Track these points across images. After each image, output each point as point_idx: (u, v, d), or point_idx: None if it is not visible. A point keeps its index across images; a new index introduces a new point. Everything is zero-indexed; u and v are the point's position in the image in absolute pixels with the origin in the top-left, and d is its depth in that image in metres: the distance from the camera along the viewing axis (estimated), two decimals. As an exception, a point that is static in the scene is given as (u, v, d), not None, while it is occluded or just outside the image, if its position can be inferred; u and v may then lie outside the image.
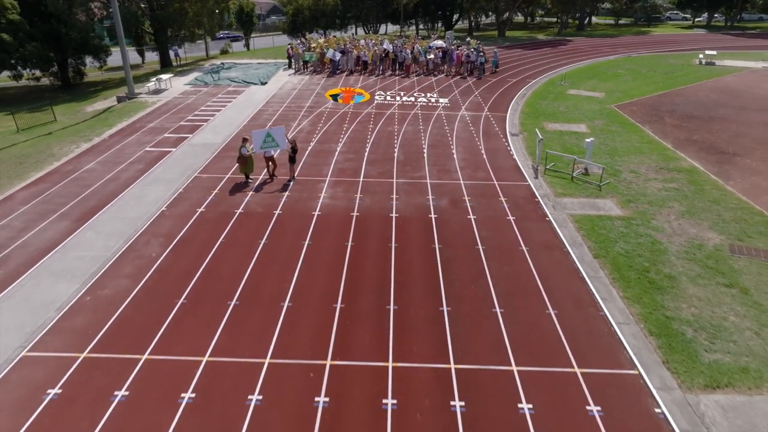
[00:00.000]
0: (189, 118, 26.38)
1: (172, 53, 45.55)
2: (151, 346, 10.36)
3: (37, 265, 13.25)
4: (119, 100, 30.41)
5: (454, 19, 73.49)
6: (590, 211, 16.34)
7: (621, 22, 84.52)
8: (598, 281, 12.69)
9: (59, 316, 11.32)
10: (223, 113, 27.15)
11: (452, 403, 9.11)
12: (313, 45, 40.08)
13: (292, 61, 38.72)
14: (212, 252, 13.80)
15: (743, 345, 10.50)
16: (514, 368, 9.92)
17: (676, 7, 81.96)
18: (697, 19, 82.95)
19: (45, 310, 11.47)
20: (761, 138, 23.54)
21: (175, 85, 33.49)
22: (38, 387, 9.39)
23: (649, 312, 11.51)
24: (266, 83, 33.88)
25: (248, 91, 31.90)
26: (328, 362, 10.02)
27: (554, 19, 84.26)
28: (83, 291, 12.16)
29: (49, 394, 9.25)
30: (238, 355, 10.16)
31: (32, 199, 17.04)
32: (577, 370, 9.88)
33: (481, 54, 37.08)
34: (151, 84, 32.18)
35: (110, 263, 13.30)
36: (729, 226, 15.30)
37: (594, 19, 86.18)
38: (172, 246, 14.14)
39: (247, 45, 61.99)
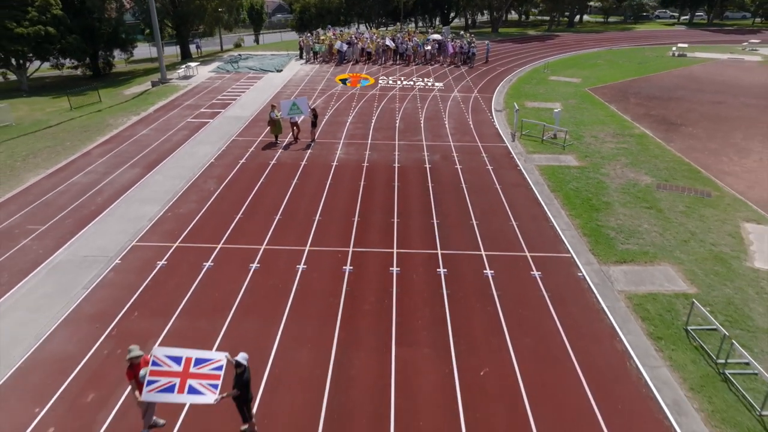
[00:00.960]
0: (219, 97, 30.35)
1: (193, 46, 49.45)
2: (223, 239, 14.36)
3: (125, 195, 17.24)
4: (153, 84, 34.38)
5: (450, 17, 77.38)
6: (553, 163, 20.32)
7: (611, 20, 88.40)
8: (552, 206, 16.67)
9: (151, 224, 15.30)
10: (247, 94, 31.13)
11: (438, 270, 13.10)
12: (322, 37, 44.02)
13: (303, 52, 42.65)
14: (256, 187, 17.79)
15: (648, 240, 14.49)
16: (483, 252, 13.91)
17: (660, 5, 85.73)
18: (683, 17, 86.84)
19: (140, 221, 15.45)
20: (707, 113, 27.51)
21: (201, 72, 37.47)
22: (150, 260, 13.39)
23: (585, 222, 15.50)
24: (281, 71, 37.85)
25: (266, 77, 35.86)
26: (351, 249, 14.01)
27: (547, 17, 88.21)
28: (164, 210, 16.15)
29: (158, 264, 13.24)
30: (286, 244, 14.15)
31: (106, 154, 21.04)
32: (527, 254, 13.88)
33: (473, 46, 41.03)
34: (181, 70, 36.17)
35: (179, 194, 17.29)
36: (660, 172, 19.30)
37: (586, 18, 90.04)
38: (224, 184, 18.12)
39: (257, 40, 65.91)
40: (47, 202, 16.80)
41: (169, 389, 7.70)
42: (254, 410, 8.65)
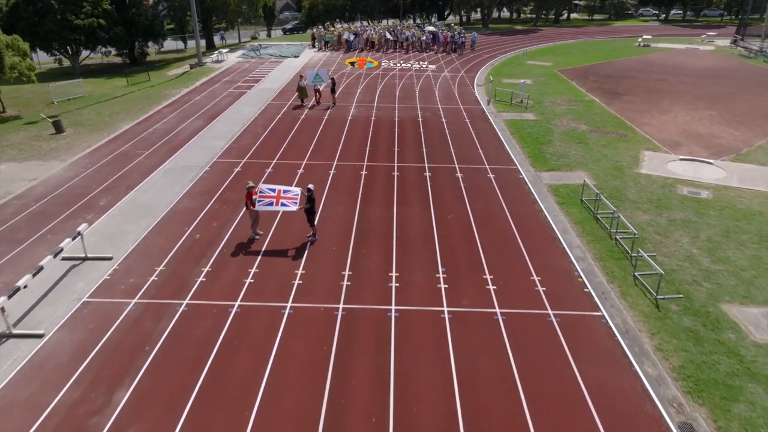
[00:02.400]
0: (250, 75, 36.43)
1: (217, 37, 55.44)
2: (276, 157, 20.42)
3: (198, 135, 23.32)
4: (192, 66, 40.41)
5: (445, 14, 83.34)
6: (516, 118, 26.38)
7: (596, 17, 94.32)
8: (509, 142, 22.71)
9: (222, 151, 21.36)
10: (273, 73, 37.20)
11: (425, 173, 19.14)
12: (331, 29, 50.09)
13: (316, 41, 48.70)
14: (292, 132, 23.84)
15: (572, 159, 20.53)
16: (456, 165, 19.96)
17: (639, 3, 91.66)
18: (663, 15, 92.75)
19: (214, 149, 21.51)
20: (648, 87, 33.56)
21: (230, 58, 43.53)
22: (229, 168, 19.46)
23: (530, 151, 21.54)
24: (298, 56, 43.90)
25: (286, 62, 41.91)
26: (365, 162, 20.07)
27: (544, 16, 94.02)
28: (229, 143, 22.22)
29: (234, 170, 19.30)
30: (321, 161, 20.20)
31: (173, 112, 27.13)
32: (487, 166, 19.94)
33: (462, 37, 47.07)
34: (214, 56, 42.27)
35: (237, 135, 23.35)
36: (596, 123, 25.36)
37: (574, 15, 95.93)
38: (268, 130, 24.18)
39: (269, 34, 71.90)
40: (143, 138, 22.91)
41: (270, 204, 13.81)
42: (316, 221, 14.69)
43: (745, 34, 51.47)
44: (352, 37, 47.00)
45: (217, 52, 43.16)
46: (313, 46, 49.15)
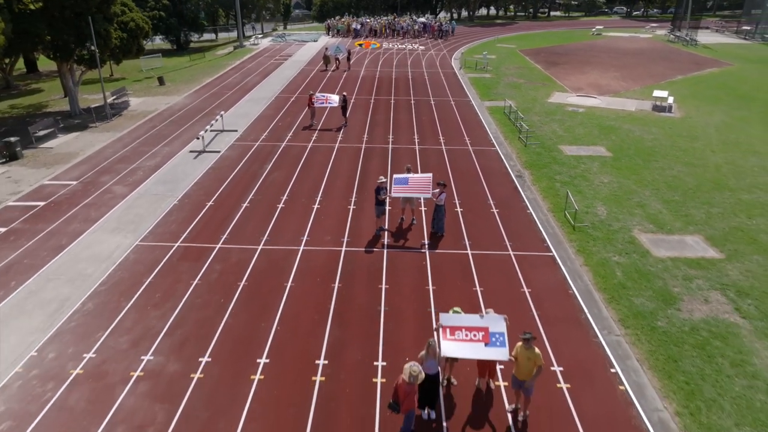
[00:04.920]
0: (282, 53, 47.12)
1: (249, 27, 66.00)
2: (317, 90, 31.06)
3: (259, 84, 33.98)
4: (235, 47, 51.06)
5: (437, 11, 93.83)
6: (477, 77, 37.00)
7: (572, 14, 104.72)
8: (468, 88, 33.34)
9: (278, 92, 32.00)
10: (300, 51, 47.89)
11: (411, 102, 29.79)
12: (342, 20, 60.76)
13: (329, 30, 59.38)
14: (322, 83, 34.47)
15: (506, 95, 31.07)
16: (431, 98, 30.61)
17: (607, 3, 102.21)
18: (634, 12, 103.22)
19: (274, 91, 32.15)
20: (581, 60, 44.14)
21: (263, 42, 54.20)
22: (287, 99, 30.14)
23: (481, 92, 32.18)
24: (317, 41, 54.56)
25: (308, 45, 52.56)
26: (372, 97, 30.72)
27: (523, 13, 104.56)
28: (282, 87, 32.89)
29: (290, 99, 29.95)
30: (346, 93, 30.84)
31: (236, 73, 37.81)
32: (451, 99, 30.59)
33: (448, 26, 57.69)
34: (252, 40, 52.85)
35: (285, 84, 34.01)
36: (531, 79, 35.99)
37: (555, 13, 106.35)
38: (305, 82, 34.82)
39: (285, 27, 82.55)
40: (223, 86, 33.60)
41: (321, 103, 24.56)
42: (347, 115, 25.23)
43: (680, 26, 61.95)
44: (359, 27, 57.65)
45: (253, 37, 53.71)
46: (328, 33, 59.80)
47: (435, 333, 9.29)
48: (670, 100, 28.70)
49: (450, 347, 8.38)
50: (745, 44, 54.79)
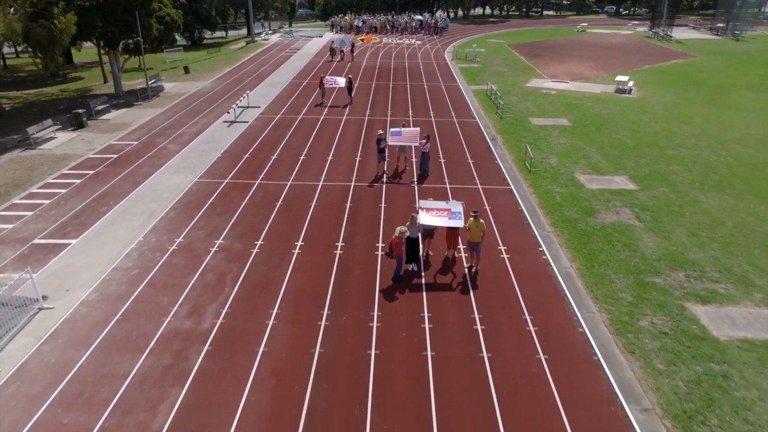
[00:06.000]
0: (291, 47, 51.43)
1: (259, 25, 70.29)
2: (327, 74, 35.37)
3: (273, 72, 38.29)
4: (247, 43, 55.33)
5: (434, 10, 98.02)
6: (467, 66, 41.30)
7: (564, 13, 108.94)
8: (458, 75, 37.64)
9: (291, 78, 36.31)
10: (306, 46, 52.19)
11: (406, 86, 34.11)
12: (345, 18, 65.07)
13: (333, 26, 63.68)
14: (329, 70, 38.77)
15: (490, 81, 35.36)
16: (424, 83, 34.92)
17: (597, 2, 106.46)
18: (624, 11, 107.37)
19: (287, 77, 36.47)
20: (562, 53, 48.41)
21: (272, 38, 58.47)
22: (299, 83, 34.45)
23: (469, 78, 36.48)
24: (321, 37, 58.85)
25: (314, 40, 56.86)
26: (374, 82, 35.06)
27: (517, 12, 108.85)
28: (294, 74, 37.21)
29: (302, 84, 34.25)
30: (352, 76, 35.14)
31: (252, 63, 42.12)
32: (442, 84, 34.88)
33: (443, 23, 61.95)
34: (262, 36, 57.10)
35: (296, 73, 38.31)
36: (513, 68, 40.28)
37: (549, 12, 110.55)
38: (314, 71, 39.13)
39: (290, 25, 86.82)
40: (243, 73, 37.91)
41: (331, 85, 28.86)
42: (353, 94, 29.54)
43: (659, 23, 66.16)
44: (360, 23, 61.95)
45: (264, 33, 57.99)
46: (332, 30, 64.07)
47: (416, 212, 13.54)
48: (630, 83, 33.01)
49: (426, 218, 12.72)
50: (715, 40, 59.07)
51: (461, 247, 13.78)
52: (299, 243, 14.27)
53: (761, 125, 25.64)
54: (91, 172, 19.37)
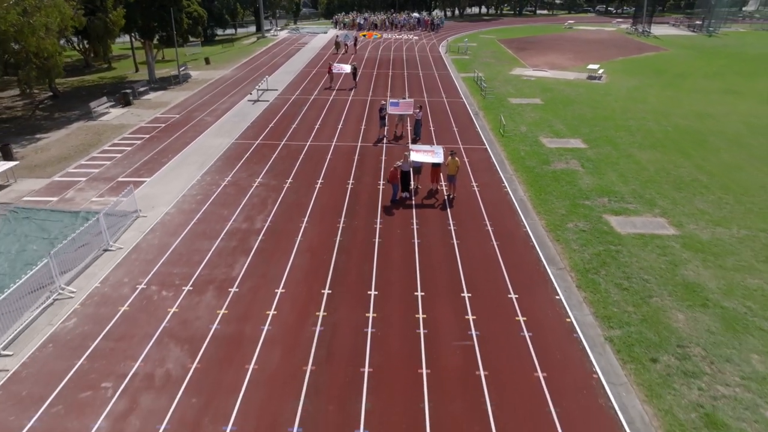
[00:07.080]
0: (299, 42, 55.72)
1: (268, 22, 74.55)
2: (336, 61, 39.63)
3: (286, 62, 42.58)
4: (258, 38, 59.59)
5: (432, 9, 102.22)
6: (458, 58, 45.55)
7: (556, 12, 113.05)
8: (450, 65, 41.90)
9: (302, 68, 40.58)
10: (313, 41, 56.48)
11: (403, 74, 38.39)
12: (348, 16, 69.33)
13: (337, 24, 67.97)
14: (336, 60, 42.92)
15: (478, 69, 39.68)
16: (420, 71, 39.21)
17: (586, 2, 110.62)
18: (615, 11, 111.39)
19: (298, 66, 40.73)
20: (546, 46, 52.65)
21: (281, 34, 62.75)
22: (309, 72, 38.73)
23: (459, 67, 40.75)
24: (326, 33, 63.11)
25: (319, 36, 61.12)
26: (375, 70, 39.33)
27: (511, 12, 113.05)
28: (305, 64, 41.48)
29: (312, 73, 38.54)
30: (357, 63, 39.45)
31: (265, 55, 46.41)
32: (435, 72, 39.19)
33: (439, 20, 66.23)
34: (271, 32, 61.40)
35: (307, 62, 42.59)
36: (500, 59, 44.55)
37: (543, 11, 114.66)
38: (320, 63, 43.39)
39: (295, 22, 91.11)
40: (258, 63, 42.19)
41: (338, 70, 33.16)
42: (357, 79, 33.82)
43: (641, 21, 70.38)
44: (362, 21, 66.22)
45: (273, 29, 62.29)
46: (335, 27, 68.33)
47: (409, 152, 17.78)
48: (601, 71, 37.30)
49: (415, 156, 17.05)
50: (691, 36, 63.32)
51: (443, 183, 18.10)
52: (320, 180, 18.59)
53: (704, 104, 29.95)
54: (147, 135, 23.70)
